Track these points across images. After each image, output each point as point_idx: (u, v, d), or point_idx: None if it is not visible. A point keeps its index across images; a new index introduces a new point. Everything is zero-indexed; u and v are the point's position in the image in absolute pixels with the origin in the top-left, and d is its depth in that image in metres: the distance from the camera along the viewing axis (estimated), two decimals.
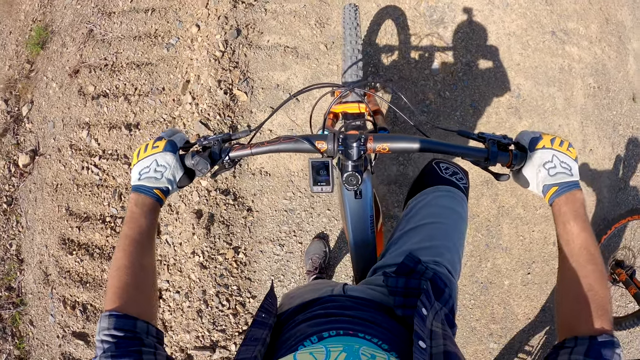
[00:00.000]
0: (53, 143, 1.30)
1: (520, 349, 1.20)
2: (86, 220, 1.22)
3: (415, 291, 0.39)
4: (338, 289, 0.44)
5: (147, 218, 0.39)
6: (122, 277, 0.36)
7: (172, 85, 1.22)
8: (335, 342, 0.30)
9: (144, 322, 0.34)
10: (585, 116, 1.36)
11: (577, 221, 0.36)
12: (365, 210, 0.55)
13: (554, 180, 0.38)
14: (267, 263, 1.11)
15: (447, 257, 0.48)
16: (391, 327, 0.36)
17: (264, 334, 0.34)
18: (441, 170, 0.57)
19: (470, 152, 0.43)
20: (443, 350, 0.30)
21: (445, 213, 0.52)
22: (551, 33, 1.37)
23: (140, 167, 0.41)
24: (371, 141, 0.44)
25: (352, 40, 0.75)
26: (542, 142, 0.39)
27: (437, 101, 1.21)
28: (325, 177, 0.43)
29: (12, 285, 1.27)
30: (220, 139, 0.45)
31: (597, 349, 0.29)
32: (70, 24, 1.39)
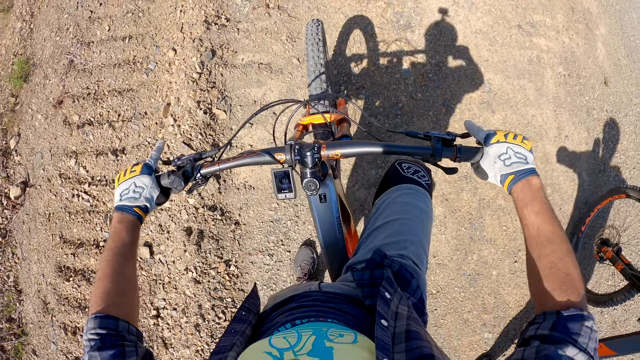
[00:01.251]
0: (42, 173, 1.32)
1: (515, 336, 1.23)
2: (80, 246, 1.25)
3: (380, 281, 0.42)
4: (314, 286, 0.47)
5: (128, 233, 0.44)
6: (105, 285, 0.39)
7: (154, 109, 1.25)
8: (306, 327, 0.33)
9: (126, 322, 0.37)
10: (558, 104, 1.40)
11: (534, 205, 0.37)
12: (331, 212, 0.58)
13: (510, 170, 0.40)
14: (259, 273, 1.13)
15: (411, 250, 0.50)
16: (360, 314, 0.39)
17: (244, 327, 0.36)
18: (403, 169, 0.60)
19: (417, 150, 0.46)
20: (405, 329, 0.32)
21: (408, 209, 0.55)
22: (517, 27, 1.41)
23: (121, 189, 0.46)
24: (324, 149, 0.47)
25: (315, 55, 0.79)
26: (496, 137, 0.42)
27: (410, 103, 1.25)
28: (287, 185, 0.47)
29: (12, 317, 1.29)
30: (192, 158, 0.49)
31: (563, 322, 0.29)
32: (51, 55, 1.42)
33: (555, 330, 0.29)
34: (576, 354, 0.28)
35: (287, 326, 0.35)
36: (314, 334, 0.30)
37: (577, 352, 0.28)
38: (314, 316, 0.36)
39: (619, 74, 1.55)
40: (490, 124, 1.30)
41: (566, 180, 1.35)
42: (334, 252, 0.61)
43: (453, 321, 1.20)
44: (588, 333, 0.29)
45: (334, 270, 0.64)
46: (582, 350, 0.28)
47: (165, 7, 1.36)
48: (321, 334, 0.30)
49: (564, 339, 0.29)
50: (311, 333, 0.30)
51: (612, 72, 1.54)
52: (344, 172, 1.19)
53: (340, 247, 0.61)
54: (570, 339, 0.29)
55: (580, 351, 0.28)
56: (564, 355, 0.27)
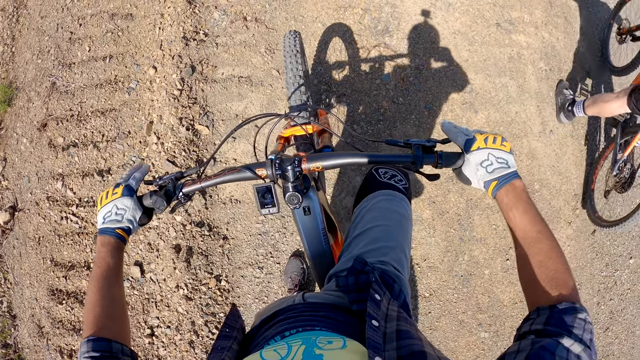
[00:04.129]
0: (30, 197, 1.32)
1: (512, 334, 1.23)
2: (71, 268, 1.24)
3: (366, 286, 0.42)
4: (298, 298, 0.47)
5: (112, 256, 0.44)
6: (95, 310, 0.40)
7: (137, 128, 1.25)
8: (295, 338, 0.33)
9: (119, 343, 0.38)
10: (541, 99, 1.41)
11: (519, 207, 0.38)
12: (316, 224, 0.58)
13: (493, 176, 0.40)
14: (250, 287, 1.13)
15: (391, 255, 0.50)
16: (347, 320, 0.39)
17: (229, 343, 0.36)
18: (380, 175, 0.60)
19: (397, 158, 0.46)
20: (396, 329, 0.32)
21: (387, 215, 0.55)
22: (496, 25, 1.42)
23: (103, 212, 0.46)
24: (305, 162, 0.47)
25: (293, 67, 0.79)
26: (477, 143, 0.41)
27: (392, 108, 1.26)
28: (270, 199, 0.46)
29: (8, 342, 1.28)
30: (173, 177, 0.49)
31: (557, 316, 0.30)
32: (33, 78, 1.42)
33: (549, 325, 0.30)
34: (572, 344, 0.28)
35: (276, 339, 0.35)
36: (304, 344, 0.30)
37: (573, 342, 0.28)
38: (302, 326, 0.36)
39: (601, 65, 1.56)
40: (474, 124, 1.30)
41: (554, 175, 1.36)
42: (321, 264, 0.61)
43: (448, 323, 1.20)
44: (582, 325, 0.29)
45: (321, 281, 0.64)
46: (578, 341, 0.28)
47: (144, 25, 1.36)
48: (310, 343, 0.30)
49: (559, 332, 0.29)
50: (300, 343, 0.30)
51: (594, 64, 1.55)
52: (329, 181, 1.19)
53: (327, 258, 0.61)
54: (565, 331, 0.29)
55: (575, 342, 0.28)
56: (560, 345, 0.28)
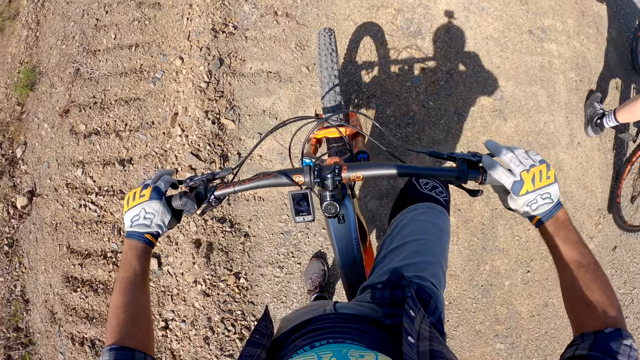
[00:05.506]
0: (49, 183, 1.31)
1: (527, 347, 1.21)
2: (88, 257, 1.24)
3: (401, 300, 0.42)
4: (329, 307, 0.46)
5: (139, 261, 0.43)
6: (119, 316, 0.39)
7: (161, 119, 1.24)
8: (325, 349, 0.32)
9: (141, 353, 0.37)
10: (570, 110, 1.38)
11: (561, 235, 0.39)
12: (350, 233, 0.57)
13: (537, 212, 0.41)
14: (269, 286, 1.12)
15: (430, 271, 0.50)
16: (378, 335, 0.38)
17: (258, 351, 0.35)
18: (420, 185, 0.59)
19: (442, 172, 0.45)
20: (429, 349, 0.32)
21: (427, 229, 0.54)
22: (528, 32, 1.39)
23: (131, 215, 0.45)
24: (345, 171, 0.45)
25: (328, 66, 0.77)
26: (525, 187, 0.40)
27: (421, 112, 1.23)
28: (306, 207, 0.45)
29: (19, 326, 1.28)
30: (205, 179, 0.47)
31: (601, 342, 0.30)
32: (57, 64, 1.41)
33: (594, 350, 0.29)
34: None
35: (305, 349, 0.34)
36: (334, 356, 0.30)
37: None
38: (333, 338, 0.35)
39: (630, 78, 1.53)
40: (503, 133, 1.28)
41: (578, 188, 1.33)
42: (352, 273, 0.60)
43: (465, 332, 1.18)
44: (627, 351, 0.29)
45: (351, 291, 0.63)
46: None
47: (171, 15, 1.34)
48: (341, 356, 0.30)
49: (603, 358, 0.28)
50: (331, 355, 0.30)
51: (624, 76, 1.52)
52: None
53: (358, 267, 0.60)
54: (609, 357, 0.28)
55: None
56: None
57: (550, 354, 1.22)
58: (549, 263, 1.25)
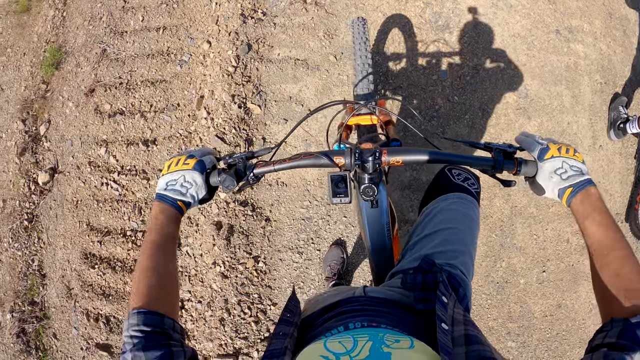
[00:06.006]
0: (72, 161, 1.33)
1: (538, 346, 1.21)
2: (107, 234, 1.25)
3: (433, 285, 0.42)
4: (359, 290, 0.47)
5: (170, 225, 0.42)
6: (148, 278, 0.38)
7: (187, 101, 1.25)
8: (361, 332, 0.32)
9: (170, 319, 0.36)
10: (594, 112, 1.37)
11: (594, 216, 0.38)
12: (382, 218, 0.57)
13: (568, 183, 0.40)
14: (287, 271, 1.13)
15: (460, 260, 0.50)
16: (411, 319, 0.39)
17: (291, 330, 0.35)
18: (453, 176, 0.59)
19: (479, 161, 0.45)
20: (464, 333, 0.32)
21: (458, 218, 0.55)
22: (555, 32, 1.38)
23: (169, 178, 0.44)
24: (385, 155, 0.46)
25: (362, 55, 0.78)
26: (550, 152, 0.41)
27: (446, 106, 1.23)
28: (343, 189, 0.46)
29: (35, 300, 1.31)
30: (244, 157, 0.48)
31: (630, 329, 0.29)
32: (83, 44, 1.43)
33: (622, 338, 0.29)
34: None
35: (339, 329, 0.34)
36: (371, 339, 0.30)
37: None
38: (367, 320, 0.36)
39: None
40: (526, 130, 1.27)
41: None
42: (382, 258, 0.61)
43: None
44: None
45: (379, 277, 0.63)
46: None
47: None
48: (377, 339, 0.30)
49: (632, 346, 0.28)
50: (367, 338, 0.30)
51: None
52: None
53: (388, 253, 0.60)
54: (638, 345, 0.28)
55: None
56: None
57: (560, 356, 1.22)
58: (565, 264, 1.25)
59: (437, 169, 0.62)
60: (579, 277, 1.24)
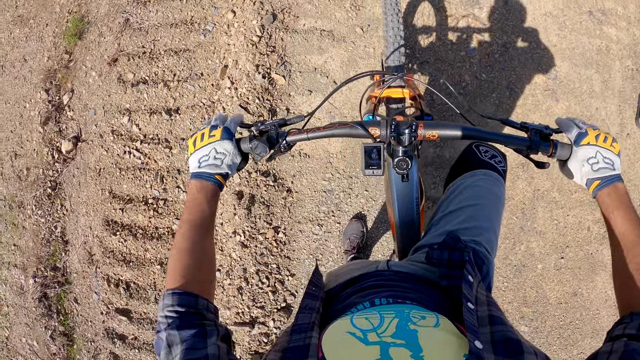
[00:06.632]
0: (95, 129, 1.35)
1: (550, 333, 1.21)
2: (129, 202, 1.28)
3: (459, 263, 0.41)
4: (382, 264, 0.47)
5: (209, 203, 0.41)
6: (184, 259, 0.37)
7: (211, 71, 1.25)
8: (387, 309, 0.32)
9: (205, 300, 0.36)
10: (624, 99, 1.33)
11: (620, 210, 0.38)
12: (412, 192, 0.57)
13: (597, 175, 0.40)
14: (306, 242, 1.14)
15: (485, 237, 0.50)
16: (435, 295, 0.39)
17: (317, 304, 0.36)
18: (481, 153, 0.59)
19: (515, 140, 0.44)
20: (488, 314, 0.32)
21: (485, 195, 0.54)
22: (588, 13, 1.33)
23: (199, 155, 0.42)
24: (421, 128, 0.45)
25: (394, 27, 0.77)
26: (587, 138, 0.41)
27: (474, 83, 1.21)
28: (377, 160, 0.45)
29: (57, 265, 1.35)
30: (277, 124, 0.46)
31: None
32: (106, 14, 1.43)
33: None
34: None
35: (365, 304, 0.34)
36: (397, 316, 0.30)
37: None
38: (392, 297, 0.35)
39: None
40: (553, 113, 1.24)
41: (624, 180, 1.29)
42: (409, 232, 0.61)
43: None
44: None
45: (404, 252, 0.63)
46: None
47: None
48: (404, 316, 0.30)
49: None
50: (394, 315, 0.30)
51: None
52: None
53: (416, 227, 0.61)
54: None
55: None
56: None
57: (572, 345, 1.22)
58: (584, 252, 1.23)
59: (461, 146, 0.63)
60: (597, 266, 1.23)
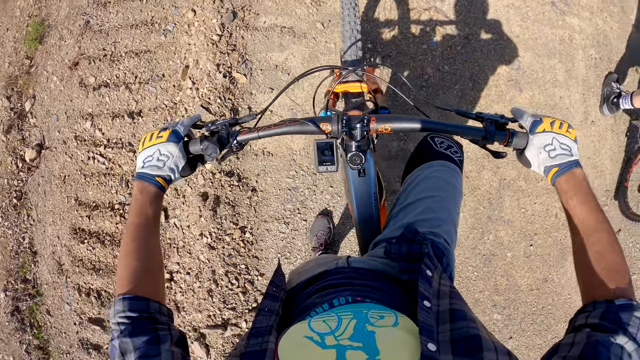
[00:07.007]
0: (58, 136, 1.32)
1: (523, 320, 1.23)
2: (95, 208, 1.25)
3: (418, 256, 0.41)
4: (342, 261, 0.46)
5: (151, 205, 0.41)
6: (131, 262, 0.37)
7: (172, 72, 1.23)
8: (345, 310, 0.32)
9: (156, 302, 0.35)
10: (587, 88, 1.35)
11: (578, 196, 0.37)
12: (369, 187, 0.56)
13: (554, 162, 0.39)
14: (274, 241, 1.13)
15: (443, 228, 0.50)
16: (395, 292, 0.38)
17: (277, 305, 0.35)
18: (436, 144, 0.58)
19: (469, 131, 0.44)
20: (449, 308, 0.31)
21: (441, 186, 0.54)
22: (551, 4, 1.35)
23: (144, 155, 0.43)
24: (374, 122, 0.44)
25: (351, 21, 0.75)
26: (543, 125, 0.40)
27: (436, 75, 1.21)
28: (330, 157, 0.44)
29: (27, 277, 1.31)
30: (227, 124, 0.46)
31: (613, 311, 0.30)
32: (66, 16, 1.39)
33: (605, 319, 0.30)
34: (626, 342, 0.28)
35: (324, 307, 0.34)
36: (355, 318, 0.30)
37: (627, 340, 0.28)
38: (351, 296, 0.35)
39: None
40: (517, 103, 1.26)
41: (588, 167, 1.32)
42: (369, 228, 0.60)
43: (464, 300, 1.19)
44: (637, 323, 0.29)
45: (364, 245, 0.63)
46: (632, 339, 0.28)
47: None
48: (362, 317, 0.30)
49: (614, 328, 0.29)
50: (351, 316, 0.30)
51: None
52: None
53: (375, 222, 0.60)
54: (620, 328, 0.29)
55: (629, 340, 0.28)
56: (614, 343, 0.28)
57: (546, 329, 1.24)
58: (552, 239, 1.25)
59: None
60: (566, 252, 1.25)
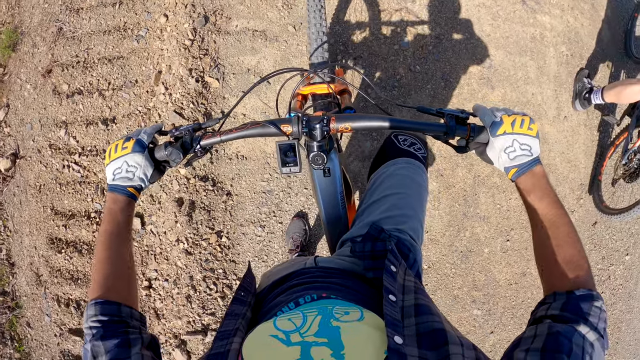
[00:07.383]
0: (32, 145, 1.30)
1: (503, 314, 1.24)
2: (72, 217, 1.23)
3: (382, 253, 0.42)
4: (310, 261, 0.47)
5: (123, 214, 0.42)
6: (103, 269, 0.38)
7: (145, 77, 1.22)
8: (310, 307, 0.32)
9: (127, 307, 0.36)
10: (559, 84, 1.38)
11: (537, 193, 0.38)
12: (335, 187, 0.56)
13: (514, 163, 0.40)
14: (250, 245, 1.13)
15: (409, 224, 0.50)
16: (361, 289, 0.38)
17: (244, 309, 0.35)
18: (399, 142, 0.59)
19: (430, 127, 0.45)
20: (414, 303, 0.32)
21: (406, 183, 0.54)
22: (522, 2, 1.37)
23: (113, 167, 0.44)
24: (334, 121, 0.45)
25: (317, 23, 0.76)
26: (503, 127, 0.40)
27: (408, 75, 1.22)
28: (292, 158, 0.45)
29: (5, 290, 1.29)
30: (191, 129, 0.46)
31: (573, 302, 0.30)
32: (39, 23, 1.38)
33: (566, 310, 0.30)
34: (587, 332, 0.28)
35: (290, 306, 0.34)
36: (320, 314, 0.30)
37: (588, 330, 0.29)
38: (317, 293, 0.35)
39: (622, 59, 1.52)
40: (489, 101, 1.28)
41: (562, 162, 1.34)
42: (336, 228, 0.60)
43: (443, 297, 1.20)
44: (597, 313, 0.30)
45: (333, 245, 0.63)
46: (593, 329, 0.29)
47: None
48: (327, 313, 0.30)
49: (575, 319, 0.29)
50: (316, 313, 0.30)
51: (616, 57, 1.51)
52: None
53: (342, 222, 0.60)
54: (581, 318, 0.29)
55: (591, 329, 0.29)
56: (576, 333, 0.28)
57: (526, 323, 1.25)
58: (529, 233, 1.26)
59: None
60: None
